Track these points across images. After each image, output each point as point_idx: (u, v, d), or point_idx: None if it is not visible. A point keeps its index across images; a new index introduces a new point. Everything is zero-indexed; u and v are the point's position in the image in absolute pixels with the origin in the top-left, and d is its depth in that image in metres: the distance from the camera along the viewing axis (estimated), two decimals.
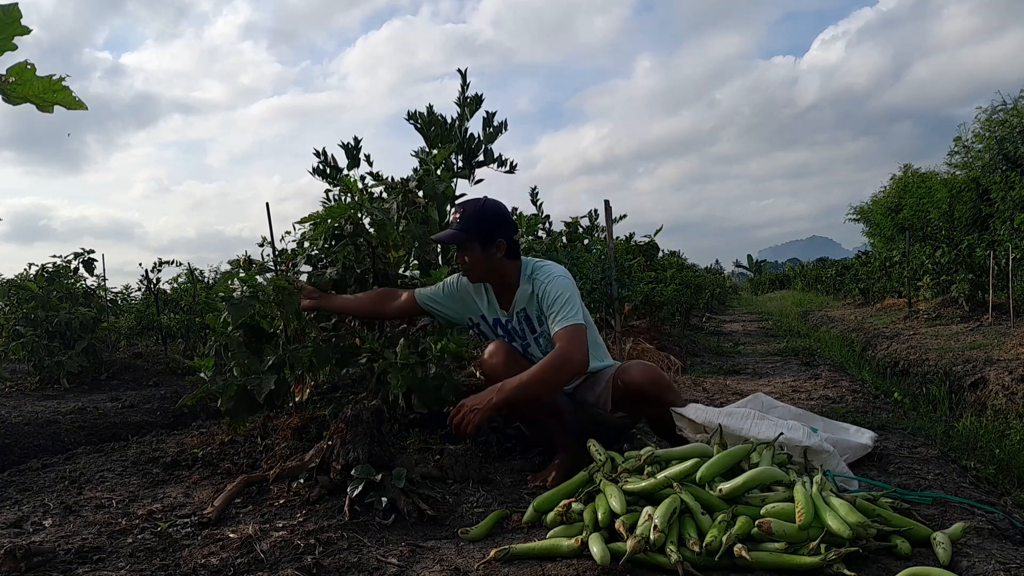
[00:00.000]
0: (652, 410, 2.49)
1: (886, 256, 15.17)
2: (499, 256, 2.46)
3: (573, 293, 2.40)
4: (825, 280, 23.62)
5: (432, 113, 3.41)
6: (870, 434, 2.66)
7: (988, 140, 16.33)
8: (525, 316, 2.53)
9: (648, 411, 2.52)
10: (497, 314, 2.60)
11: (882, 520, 1.74)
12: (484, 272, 2.51)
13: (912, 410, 4.19)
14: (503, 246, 2.45)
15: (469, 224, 2.43)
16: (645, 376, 2.43)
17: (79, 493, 2.47)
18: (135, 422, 4.50)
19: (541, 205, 6.18)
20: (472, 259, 2.47)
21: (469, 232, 2.42)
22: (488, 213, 2.46)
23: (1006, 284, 8.88)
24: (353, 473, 2.10)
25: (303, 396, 2.90)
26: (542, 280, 2.45)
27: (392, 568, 1.69)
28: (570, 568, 1.63)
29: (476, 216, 2.44)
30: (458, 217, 2.46)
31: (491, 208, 2.49)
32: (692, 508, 1.73)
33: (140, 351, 7.70)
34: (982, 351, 6.33)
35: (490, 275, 2.53)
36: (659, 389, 2.42)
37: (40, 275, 6.32)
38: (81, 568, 1.77)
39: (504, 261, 2.48)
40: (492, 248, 2.44)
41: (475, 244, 2.44)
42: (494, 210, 2.49)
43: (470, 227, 2.43)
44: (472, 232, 2.42)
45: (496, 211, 2.49)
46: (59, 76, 1.04)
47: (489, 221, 2.44)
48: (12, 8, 0.98)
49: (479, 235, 2.42)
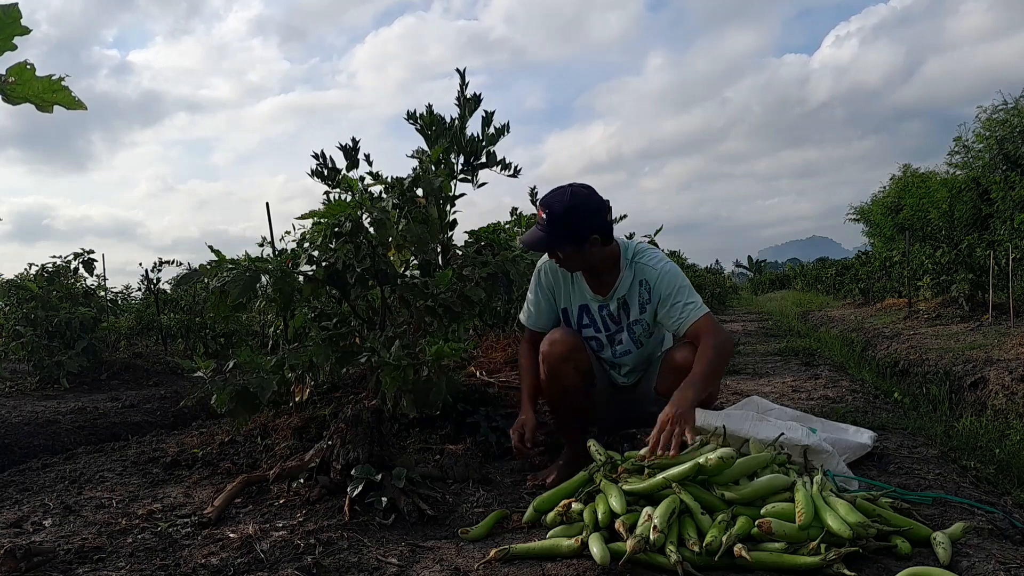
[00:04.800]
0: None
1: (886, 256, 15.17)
2: (595, 249, 2.35)
3: (685, 281, 2.41)
4: (825, 280, 23.62)
5: (432, 113, 3.40)
6: (870, 434, 2.66)
7: (988, 140, 16.33)
8: (624, 303, 2.47)
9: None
10: (587, 300, 2.51)
11: (882, 520, 1.74)
12: (579, 266, 2.44)
13: (912, 410, 4.19)
14: (597, 241, 2.32)
15: (557, 229, 2.28)
16: (686, 360, 2.32)
17: (79, 493, 2.47)
18: (135, 422, 4.50)
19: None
20: (566, 257, 2.37)
21: (557, 238, 2.29)
22: (577, 212, 2.27)
23: (1006, 284, 8.88)
24: (353, 473, 2.11)
25: (303, 396, 2.90)
26: (651, 272, 2.42)
27: (392, 568, 1.69)
28: (570, 568, 1.63)
29: (564, 218, 2.26)
30: (544, 217, 2.30)
31: (579, 204, 2.28)
32: (692, 508, 1.73)
33: (140, 351, 7.70)
34: (982, 351, 6.33)
35: (585, 266, 2.45)
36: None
37: (40, 275, 6.33)
38: (81, 568, 1.77)
39: (601, 251, 2.38)
40: (586, 245, 2.31)
41: (570, 245, 2.31)
42: (583, 205, 2.28)
43: (558, 232, 2.28)
44: (562, 237, 2.29)
45: (585, 205, 2.29)
46: (59, 76, 1.04)
47: (580, 221, 2.27)
48: (12, 8, 0.98)
49: (570, 238, 2.29)
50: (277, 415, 3.14)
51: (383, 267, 2.81)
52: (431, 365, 2.46)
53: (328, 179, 3.26)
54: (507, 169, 3.51)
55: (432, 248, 3.08)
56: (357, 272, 2.75)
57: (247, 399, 2.69)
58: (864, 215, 25.10)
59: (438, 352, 2.44)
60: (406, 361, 2.44)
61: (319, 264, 2.77)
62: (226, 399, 2.64)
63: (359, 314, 3.11)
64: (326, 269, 2.75)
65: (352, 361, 2.80)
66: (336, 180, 3.23)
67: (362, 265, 2.76)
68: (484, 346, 4.21)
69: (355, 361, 2.76)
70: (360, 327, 3.01)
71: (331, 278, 2.78)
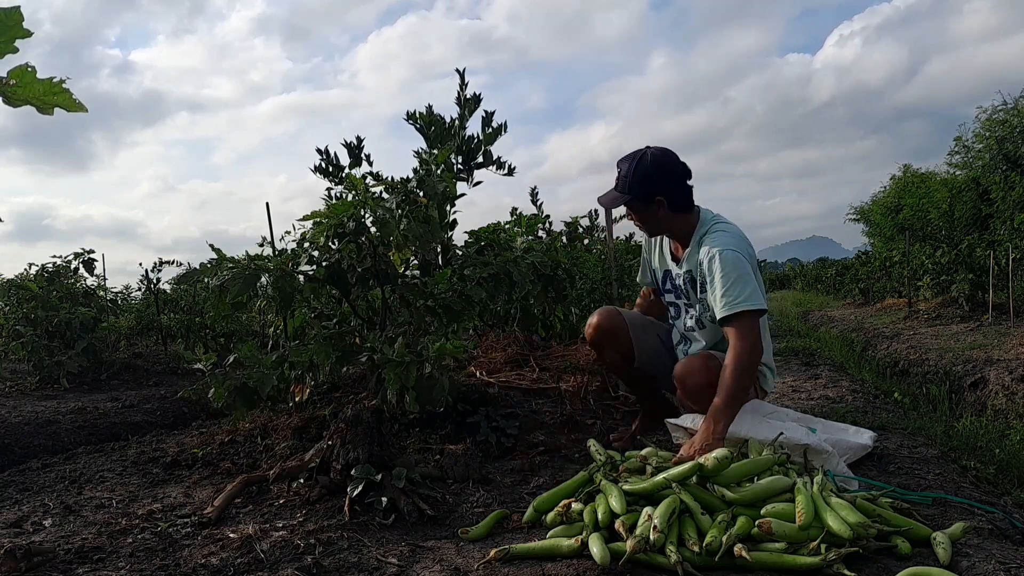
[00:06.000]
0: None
1: (886, 256, 15.18)
2: (663, 213, 2.38)
3: (743, 272, 2.21)
4: (825, 280, 23.62)
5: (432, 113, 3.41)
6: (870, 434, 2.66)
7: (988, 140, 16.33)
8: (690, 279, 2.46)
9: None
10: (668, 265, 2.58)
11: (882, 520, 1.74)
12: (653, 228, 2.50)
13: (912, 410, 4.19)
14: (663, 203, 2.36)
15: (625, 184, 2.35)
16: (684, 370, 2.37)
17: (79, 493, 2.47)
18: (135, 422, 4.50)
19: (541, 205, 6.18)
20: (637, 217, 2.45)
21: (624, 192, 2.36)
22: (646, 169, 2.32)
23: (1006, 284, 8.88)
24: (353, 473, 2.11)
25: (303, 396, 2.90)
26: (707, 252, 2.31)
27: (392, 568, 1.69)
28: (570, 568, 1.63)
29: (632, 174, 2.33)
30: (618, 175, 2.40)
31: (649, 163, 2.33)
32: (692, 508, 1.73)
33: (140, 351, 7.70)
34: (982, 351, 6.33)
35: (660, 230, 2.51)
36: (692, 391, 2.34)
37: (40, 275, 6.33)
38: (81, 568, 1.77)
39: (671, 215, 2.40)
40: (653, 206, 2.37)
41: (635, 203, 2.38)
42: (653, 164, 2.33)
43: (625, 187, 2.35)
44: (629, 192, 2.35)
45: (656, 165, 2.34)
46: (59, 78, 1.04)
47: (648, 178, 2.32)
48: (14, 11, 0.98)
49: (637, 194, 2.34)
50: (277, 415, 3.14)
51: (384, 267, 2.81)
52: (434, 362, 2.47)
53: (332, 175, 3.26)
54: (502, 168, 3.53)
55: (433, 248, 3.08)
56: (358, 272, 2.75)
57: (246, 394, 2.69)
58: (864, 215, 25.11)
59: (440, 349, 2.45)
60: (409, 358, 2.45)
61: (319, 264, 2.77)
62: (224, 393, 2.64)
63: (359, 314, 3.11)
64: (327, 269, 2.75)
65: (352, 360, 2.80)
66: (340, 177, 3.23)
67: (363, 265, 2.76)
68: (484, 346, 4.21)
69: (355, 360, 2.77)
70: (360, 327, 3.01)
71: (332, 278, 2.78)
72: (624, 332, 2.65)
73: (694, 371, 2.34)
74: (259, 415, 3.12)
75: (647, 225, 2.47)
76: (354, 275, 2.75)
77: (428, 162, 3.14)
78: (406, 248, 2.87)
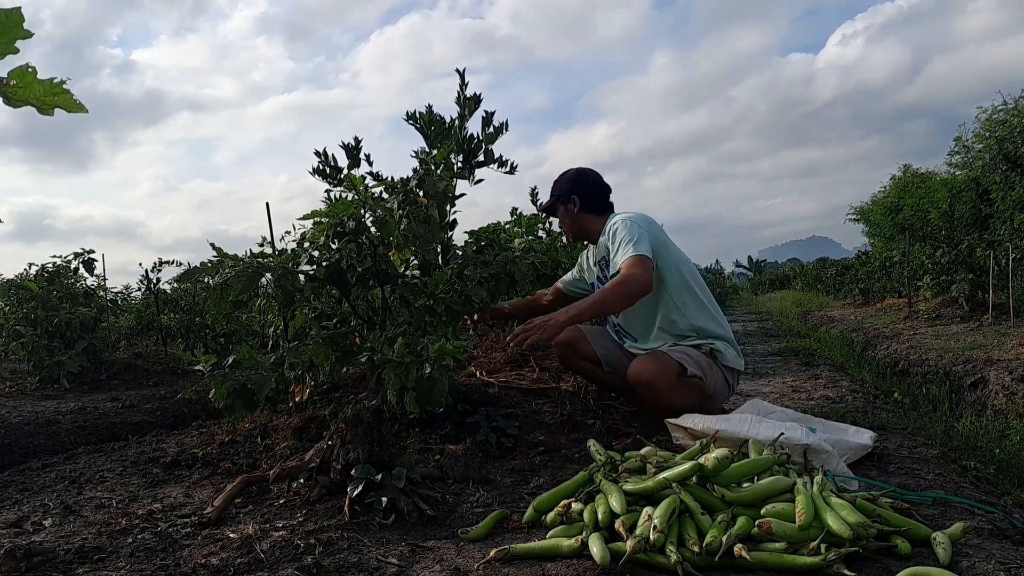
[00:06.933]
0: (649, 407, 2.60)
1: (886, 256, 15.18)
2: (576, 211, 2.79)
3: (640, 232, 2.53)
4: (825, 280, 23.62)
5: (432, 113, 3.41)
6: (870, 434, 2.66)
7: (988, 140, 16.33)
8: (604, 263, 2.78)
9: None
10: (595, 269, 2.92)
11: (882, 520, 1.74)
12: (570, 229, 2.89)
13: (912, 410, 4.19)
14: (577, 201, 2.78)
15: (552, 190, 2.86)
16: (635, 371, 2.54)
17: (79, 493, 2.47)
18: (135, 422, 4.50)
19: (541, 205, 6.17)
20: (561, 220, 2.88)
21: (551, 196, 2.87)
22: (566, 175, 2.86)
23: (1006, 284, 8.89)
24: (353, 473, 2.11)
25: (303, 396, 2.90)
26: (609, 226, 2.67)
27: (392, 568, 1.69)
28: (570, 568, 1.63)
29: (557, 181, 2.87)
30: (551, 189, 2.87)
31: (570, 172, 2.88)
32: (692, 508, 1.73)
33: (140, 351, 7.70)
34: (982, 351, 6.33)
35: (577, 233, 2.87)
36: (650, 390, 2.51)
37: (40, 275, 6.33)
38: (81, 568, 1.77)
39: (584, 216, 2.80)
40: (569, 204, 2.80)
41: (557, 204, 2.82)
42: (573, 172, 2.87)
43: (552, 191, 2.79)
44: (552, 194, 2.86)
45: (575, 173, 2.86)
46: (60, 79, 1.04)
47: (566, 182, 2.84)
48: (15, 12, 0.98)
49: (558, 194, 2.84)
50: (277, 415, 3.14)
51: (384, 267, 2.81)
52: (434, 362, 2.47)
53: (330, 177, 3.26)
54: (504, 166, 3.53)
55: (433, 248, 3.08)
56: (358, 272, 2.75)
57: (245, 395, 2.69)
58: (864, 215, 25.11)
59: (440, 349, 2.45)
60: (409, 358, 2.45)
61: (319, 264, 2.77)
62: (224, 394, 2.64)
63: (359, 314, 3.11)
64: (327, 268, 2.75)
65: (352, 360, 2.80)
66: (338, 178, 3.24)
67: (363, 265, 2.76)
68: (484, 346, 4.21)
69: (355, 360, 2.77)
70: (360, 327, 3.01)
71: (332, 277, 2.78)
72: (583, 340, 2.94)
73: (645, 368, 2.51)
74: (259, 415, 3.11)
75: (566, 223, 2.85)
76: (354, 275, 2.75)
77: (428, 161, 3.15)
78: (406, 248, 2.88)
